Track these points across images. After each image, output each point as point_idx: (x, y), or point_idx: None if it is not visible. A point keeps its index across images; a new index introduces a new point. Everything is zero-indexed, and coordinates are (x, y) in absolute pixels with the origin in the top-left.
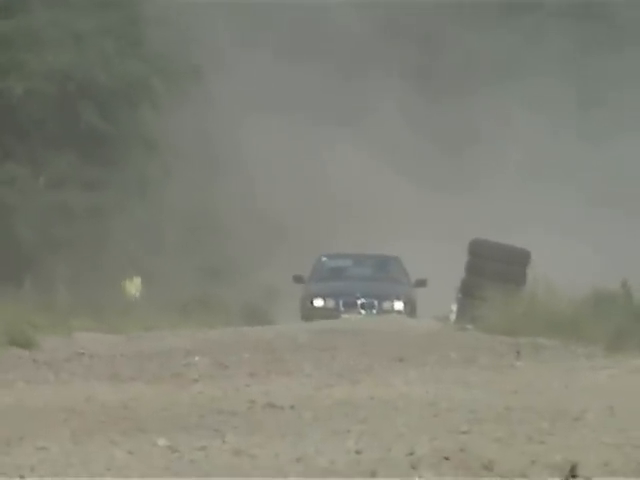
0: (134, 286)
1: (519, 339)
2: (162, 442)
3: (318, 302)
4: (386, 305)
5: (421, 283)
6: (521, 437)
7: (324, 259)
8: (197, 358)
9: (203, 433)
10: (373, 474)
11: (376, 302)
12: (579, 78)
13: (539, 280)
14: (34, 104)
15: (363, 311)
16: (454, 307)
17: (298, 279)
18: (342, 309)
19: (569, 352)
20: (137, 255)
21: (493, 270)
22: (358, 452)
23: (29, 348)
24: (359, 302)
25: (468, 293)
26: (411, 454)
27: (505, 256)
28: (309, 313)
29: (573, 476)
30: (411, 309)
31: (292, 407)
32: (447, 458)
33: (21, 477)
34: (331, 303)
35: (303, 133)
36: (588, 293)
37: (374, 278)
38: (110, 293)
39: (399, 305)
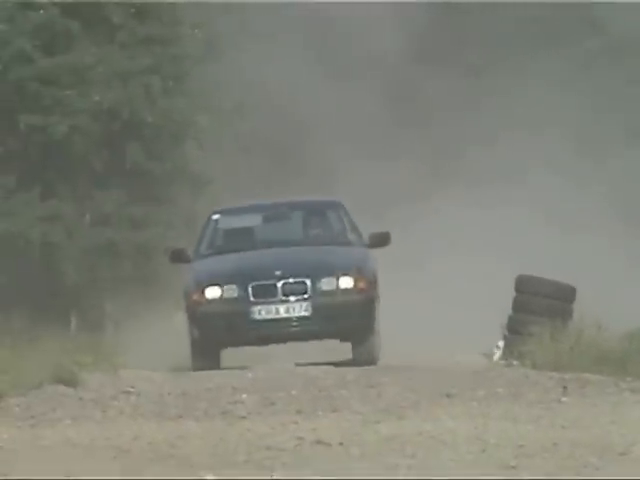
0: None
1: (565, 375)
2: (211, 478)
3: (212, 292)
4: (326, 285)
5: (379, 240)
6: (569, 471)
7: (216, 217)
8: (244, 396)
9: (252, 469)
10: None
11: (308, 282)
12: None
13: (586, 315)
14: (79, 142)
15: (289, 299)
16: (500, 343)
17: (178, 256)
18: (252, 300)
19: (615, 387)
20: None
21: (539, 306)
22: None
23: (75, 386)
24: (279, 285)
25: (514, 330)
26: None
27: (551, 292)
28: (199, 310)
29: None
30: (367, 285)
31: (340, 443)
32: None
33: None
34: (234, 292)
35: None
36: (634, 327)
37: (302, 241)
38: (158, 331)
39: (347, 282)
